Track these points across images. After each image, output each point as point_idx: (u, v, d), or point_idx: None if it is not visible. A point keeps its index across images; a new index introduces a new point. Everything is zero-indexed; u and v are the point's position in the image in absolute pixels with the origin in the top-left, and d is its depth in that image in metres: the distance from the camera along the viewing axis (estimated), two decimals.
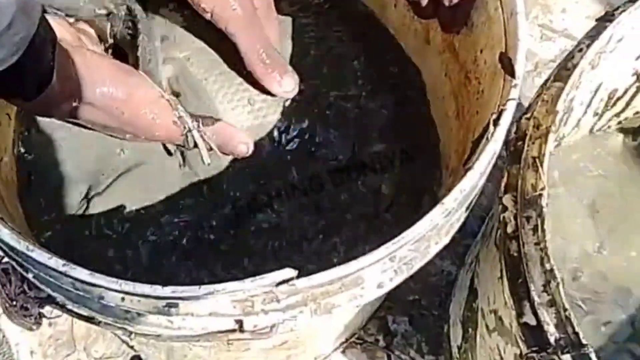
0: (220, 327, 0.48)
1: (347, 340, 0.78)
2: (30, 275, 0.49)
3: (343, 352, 0.82)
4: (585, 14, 1.04)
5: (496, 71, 0.54)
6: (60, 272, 0.44)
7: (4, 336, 0.81)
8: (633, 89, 0.68)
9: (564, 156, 0.72)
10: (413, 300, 0.87)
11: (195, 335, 0.50)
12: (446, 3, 0.55)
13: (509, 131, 0.54)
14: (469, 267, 0.72)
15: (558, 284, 0.45)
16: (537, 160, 0.48)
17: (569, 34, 1.04)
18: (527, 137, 0.50)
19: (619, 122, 0.73)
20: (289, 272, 0.44)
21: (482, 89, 0.58)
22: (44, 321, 0.78)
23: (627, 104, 0.70)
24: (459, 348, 0.74)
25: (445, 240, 0.53)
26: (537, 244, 0.47)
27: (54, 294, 0.49)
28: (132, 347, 0.79)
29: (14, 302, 0.53)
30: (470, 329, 0.68)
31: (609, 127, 0.74)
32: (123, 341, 0.80)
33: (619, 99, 0.68)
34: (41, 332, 0.82)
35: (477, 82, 0.59)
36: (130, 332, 0.52)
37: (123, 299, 0.46)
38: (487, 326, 0.61)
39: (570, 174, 0.72)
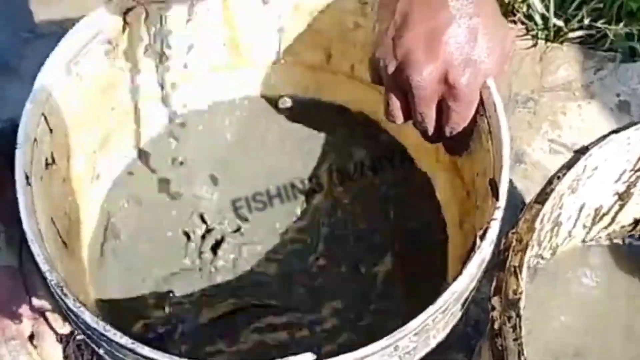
0: None
1: None
2: (101, 351, 0.60)
3: None
4: (590, 130, 1.15)
5: (487, 193, 0.65)
6: (128, 349, 0.55)
7: None
8: (616, 207, 0.78)
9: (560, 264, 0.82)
10: None
11: None
12: (447, 134, 0.67)
13: (500, 240, 0.64)
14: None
15: None
16: (517, 269, 0.59)
17: (576, 148, 1.15)
18: (511, 249, 0.61)
19: (608, 235, 0.83)
20: (308, 357, 0.54)
21: (478, 205, 0.69)
22: None
23: (613, 219, 0.80)
24: None
25: (443, 334, 0.63)
26: (515, 339, 0.57)
27: None
28: None
29: None
30: None
31: (599, 237, 0.84)
32: None
33: (604, 214, 0.78)
34: None
35: (474, 199, 0.70)
36: None
37: None
38: None
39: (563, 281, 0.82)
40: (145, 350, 0.55)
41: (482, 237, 0.59)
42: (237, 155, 0.85)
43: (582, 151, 0.65)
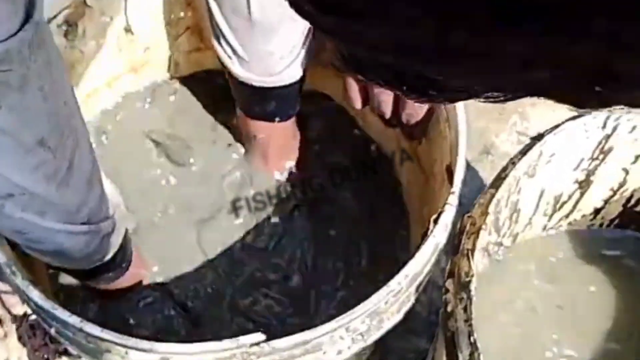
0: None
1: None
2: (52, 331, 0.60)
3: None
4: (559, 122, 1.16)
5: (444, 179, 0.65)
6: (77, 328, 0.55)
7: None
8: (577, 195, 0.78)
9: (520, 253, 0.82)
10: None
11: None
12: (404, 120, 0.67)
13: (455, 225, 0.65)
14: (433, 346, 0.81)
15: (479, 354, 0.55)
16: (469, 252, 0.59)
17: None
18: (465, 233, 0.61)
19: (569, 223, 0.83)
20: (258, 336, 0.55)
21: (436, 192, 0.69)
22: None
23: (574, 208, 0.81)
24: None
25: (398, 316, 0.63)
26: (466, 320, 0.57)
27: (71, 347, 0.60)
28: None
29: (37, 353, 0.63)
30: None
31: (560, 225, 0.84)
32: None
33: (564, 202, 0.79)
34: None
35: (433, 186, 0.71)
36: None
37: (127, 352, 0.56)
38: None
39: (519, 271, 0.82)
40: (96, 330, 0.55)
41: (436, 221, 0.60)
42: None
43: (537, 138, 0.66)
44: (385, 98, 0.65)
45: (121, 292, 0.73)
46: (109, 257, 0.62)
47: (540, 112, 1.18)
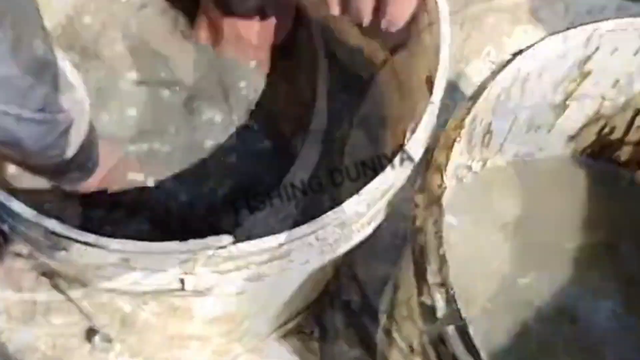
0: (166, 284, 0.57)
1: (283, 324, 0.86)
2: (5, 227, 0.57)
3: (282, 337, 0.91)
4: None
5: (425, 92, 0.63)
6: (33, 222, 0.53)
7: None
8: (551, 119, 0.77)
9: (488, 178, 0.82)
10: (349, 301, 0.96)
11: (146, 292, 0.58)
12: (384, 28, 0.64)
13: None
14: (397, 267, 0.81)
15: (448, 267, 0.54)
16: (442, 165, 0.58)
17: None
18: (438, 146, 0.60)
19: (540, 149, 0.82)
20: (226, 238, 0.53)
21: (415, 107, 0.67)
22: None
23: (548, 133, 0.79)
24: (383, 339, 0.82)
25: (368, 229, 0.62)
26: (436, 232, 0.56)
27: (25, 245, 0.58)
28: (88, 317, 0.87)
29: None
30: (391, 320, 0.77)
31: (532, 154, 0.83)
32: (80, 311, 0.87)
33: (538, 127, 0.78)
34: (6, 298, 0.90)
35: (411, 99, 0.69)
36: (85, 285, 0.60)
37: (86, 249, 0.54)
38: (402, 315, 0.70)
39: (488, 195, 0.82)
40: (52, 224, 0.52)
41: (413, 131, 0.58)
42: None
43: (517, 53, 0.64)
44: (364, 3, 0.63)
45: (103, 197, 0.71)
46: (69, 154, 0.60)
47: (515, 43, 1.16)
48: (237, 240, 0.52)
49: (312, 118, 0.79)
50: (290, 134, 0.80)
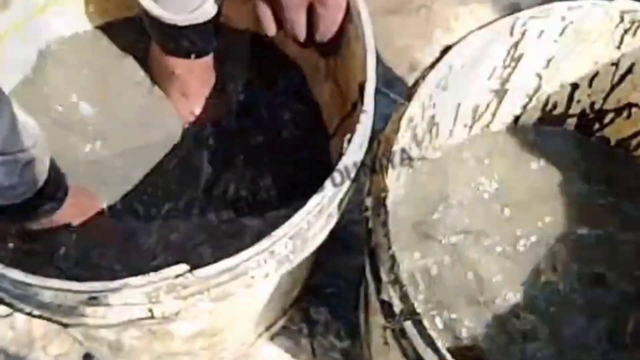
0: (136, 315, 0.60)
1: (269, 327, 0.89)
2: None
3: (271, 339, 0.94)
4: None
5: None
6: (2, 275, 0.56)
7: None
8: (494, 103, 0.80)
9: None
10: (332, 293, 0.99)
11: (118, 323, 0.61)
12: (318, 40, 0.68)
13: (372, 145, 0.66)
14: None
15: (398, 266, 0.57)
16: (384, 168, 0.61)
17: None
18: (380, 150, 0.63)
19: (489, 128, 0.85)
20: (182, 267, 0.56)
21: (354, 112, 0.70)
22: (6, 324, 0.90)
23: (493, 117, 0.82)
24: (364, 331, 0.86)
25: (322, 235, 0.65)
26: (385, 234, 0.59)
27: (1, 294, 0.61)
28: (82, 344, 0.90)
29: None
30: (366, 314, 0.80)
31: (482, 133, 0.86)
32: (74, 339, 0.91)
33: (482, 113, 0.81)
34: (2, 336, 0.93)
35: (349, 105, 0.71)
36: (66, 325, 0.63)
37: (56, 295, 0.57)
38: (374, 310, 0.73)
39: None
40: (17, 275, 0.55)
41: (350, 141, 0.61)
42: None
43: (445, 50, 0.67)
44: (298, 19, 0.66)
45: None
46: (38, 186, 0.63)
47: (462, 24, 1.18)
48: (192, 267, 0.56)
49: None
50: None
